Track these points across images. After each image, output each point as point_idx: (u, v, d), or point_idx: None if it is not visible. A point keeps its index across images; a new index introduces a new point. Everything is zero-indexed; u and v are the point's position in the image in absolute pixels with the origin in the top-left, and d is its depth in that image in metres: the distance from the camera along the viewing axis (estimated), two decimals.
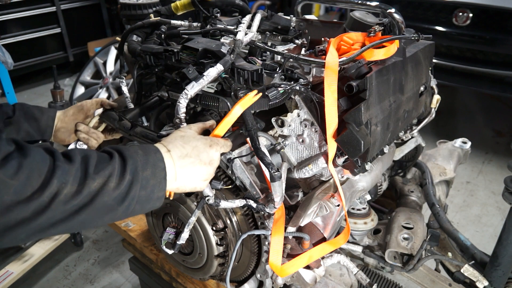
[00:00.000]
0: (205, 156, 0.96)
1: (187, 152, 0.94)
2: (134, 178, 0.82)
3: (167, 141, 0.95)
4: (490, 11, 3.28)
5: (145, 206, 0.87)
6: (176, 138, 0.96)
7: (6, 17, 4.66)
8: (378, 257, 1.61)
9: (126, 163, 0.83)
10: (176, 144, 0.94)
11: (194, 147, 0.95)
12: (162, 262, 1.73)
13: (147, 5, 3.06)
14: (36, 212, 0.71)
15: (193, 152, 0.94)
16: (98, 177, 0.78)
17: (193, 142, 0.96)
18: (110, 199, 0.80)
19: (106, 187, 0.79)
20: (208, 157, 0.96)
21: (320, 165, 1.24)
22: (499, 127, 4.29)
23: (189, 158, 0.93)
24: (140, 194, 0.84)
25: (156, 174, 0.87)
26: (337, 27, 1.60)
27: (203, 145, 0.97)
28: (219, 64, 1.07)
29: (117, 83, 3.74)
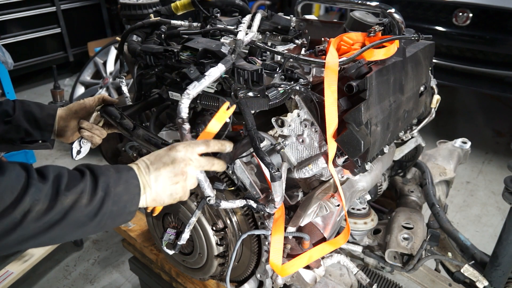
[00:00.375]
0: (167, 158, 0.96)
1: (151, 160, 0.96)
2: (106, 194, 0.85)
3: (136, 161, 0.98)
4: (490, 11, 3.28)
5: (117, 221, 0.89)
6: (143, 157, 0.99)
7: (6, 17, 4.66)
8: (378, 257, 1.61)
9: (97, 180, 0.85)
10: (143, 158, 0.97)
11: (156, 155, 0.97)
12: (162, 262, 1.73)
13: (147, 5, 3.06)
14: (7, 228, 0.74)
15: (156, 159, 0.96)
16: (70, 194, 0.80)
17: (156, 152, 0.99)
18: (82, 215, 0.82)
19: (78, 204, 0.81)
20: (169, 158, 0.96)
21: (320, 165, 1.24)
22: (499, 127, 4.29)
23: (152, 165, 0.95)
24: (112, 209, 0.86)
25: (130, 190, 0.89)
26: (337, 27, 1.60)
27: (163, 150, 0.99)
28: (221, 64, 1.06)
29: (117, 83, 3.74)
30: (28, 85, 5.31)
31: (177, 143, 1.01)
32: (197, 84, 1.03)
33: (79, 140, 1.35)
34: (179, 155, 0.97)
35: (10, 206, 0.73)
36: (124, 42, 1.50)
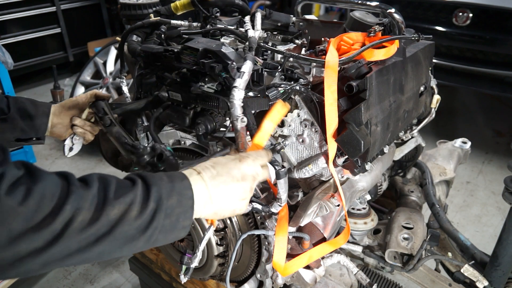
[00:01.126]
0: (237, 172, 0.91)
1: (218, 171, 0.89)
2: (158, 206, 0.77)
3: (197, 167, 0.91)
4: (490, 11, 3.28)
5: (169, 236, 0.81)
6: (205, 163, 0.92)
7: (6, 17, 4.66)
8: (378, 257, 1.61)
9: (149, 190, 0.77)
10: (206, 165, 0.90)
11: (223, 165, 0.91)
12: (162, 262, 1.73)
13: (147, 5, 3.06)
14: (48, 241, 0.66)
15: (224, 170, 0.89)
16: (118, 204, 0.72)
17: (222, 161, 0.92)
18: (131, 228, 0.74)
19: (127, 216, 0.73)
20: (239, 172, 0.91)
21: (320, 165, 1.24)
22: (499, 127, 4.29)
23: (220, 177, 0.88)
24: (164, 223, 0.78)
25: (183, 203, 0.81)
26: (337, 27, 1.60)
27: (232, 162, 0.92)
28: (248, 60, 1.08)
29: (117, 83, 3.74)
30: (28, 85, 5.31)
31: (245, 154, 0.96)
32: (240, 80, 1.05)
33: (71, 137, 1.34)
34: (250, 170, 0.92)
35: (49, 216, 0.66)
36: (124, 42, 1.50)
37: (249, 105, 1.14)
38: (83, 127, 1.31)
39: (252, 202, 1.20)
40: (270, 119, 1.02)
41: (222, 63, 1.10)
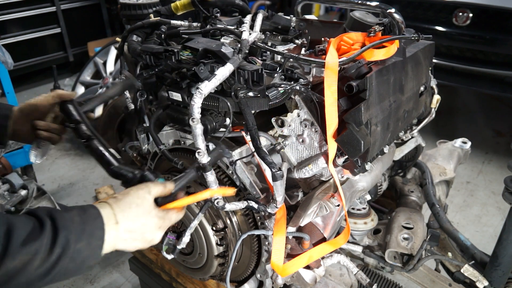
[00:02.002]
0: (150, 236, 0.92)
1: (135, 227, 0.89)
2: (63, 252, 0.76)
3: (119, 207, 0.88)
4: (490, 11, 3.28)
5: (71, 276, 0.82)
6: (130, 206, 0.89)
7: (6, 17, 4.66)
8: (378, 257, 1.61)
9: (57, 235, 0.76)
10: (128, 215, 0.88)
11: (143, 224, 0.90)
12: (162, 262, 1.73)
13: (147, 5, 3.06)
14: None
15: (141, 229, 0.90)
16: (21, 255, 0.71)
17: (145, 218, 0.91)
18: (32, 276, 0.73)
19: (29, 266, 0.72)
20: (152, 236, 0.93)
21: (320, 165, 1.24)
22: (499, 127, 4.29)
23: (133, 234, 0.89)
24: (68, 267, 0.78)
25: (92, 245, 0.82)
26: (337, 27, 1.60)
27: (153, 225, 0.92)
28: (229, 63, 1.07)
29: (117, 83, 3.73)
30: (28, 85, 5.31)
31: (145, 184, 0.95)
32: (208, 83, 1.04)
33: (37, 142, 1.21)
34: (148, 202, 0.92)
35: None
36: (124, 42, 1.50)
37: (249, 105, 1.14)
38: (48, 130, 1.18)
39: (246, 200, 1.21)
40: (194, 198, 1.03)
41: (222, 63, 1.10)
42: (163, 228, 0.95)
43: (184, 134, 1.39)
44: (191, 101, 1.04)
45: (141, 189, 0.93)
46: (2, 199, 2.13)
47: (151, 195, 0.94)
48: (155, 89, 1.48)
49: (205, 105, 1.18)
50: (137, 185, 0.95)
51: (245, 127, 1.17)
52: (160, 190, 0.96)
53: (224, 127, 1.26)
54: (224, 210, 1.21)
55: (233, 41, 1.32)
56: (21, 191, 2.25)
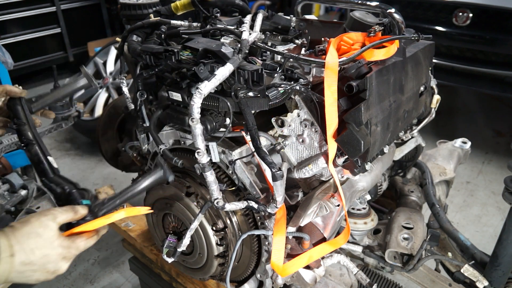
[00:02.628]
0: (52, 266, 0.85)
1: (34, 259, 0.81)
2: None
3: (16, 238, 0.80)
4: (490, 11, 3.28)
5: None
6: (29, 236, 0.81)
7: (6, 17, 4.66)
8: (378, 257, 1.61)
9: None
10: (26, 246, 0.80)
11: (44, 256, 0.83)
12: (162, 262, 1.73)
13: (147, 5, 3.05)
14: None
15: (40, 261, 0.82)
16: None
17: (47, 249, 0.83)
18: None
19: None
20: (55, 267, 0.85)
21: (320, 165, 1.24)
22: (499, 127, 4.29)
23: (32, 266, 0.81)
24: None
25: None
26: (337, 27, 1.60)
27: (56, 255, 0.85)
28: (229, 63, 1.07)
29: (117, 83, 3.74)
30: (28, 85, 5.30)
31: (49, 210, 0.87)
32: (207, 83, 1.04)
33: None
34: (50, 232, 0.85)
35: None
36: (124, 42, 1.50)
37: (249, 105, 1.14)
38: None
39: (246, 200, 1.21)
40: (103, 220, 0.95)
41: (222, 63, 1.10)
42: (68, 258, 0.88)
43: (184, 134, 1.39)
44: (190, 101, 1.04)
45: (45, 215, 0.86)
46: (2, 199, 2.13)
47: (55, 222, 0.86)
48: (155, 89, 1.48)
49: (205, 105, 1.18)
50: (40, 212, 0.87)
51: (245, 127, 1.17)
52: (70, 216, 0.89)
53: (224, 127, 1.26)
54: (224, 210, 1.21)
55: (233, 41, 1.32)
56: (21, 191, 2.25)
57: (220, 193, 1.15)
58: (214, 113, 1.25)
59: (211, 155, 1.25)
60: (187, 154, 1.41)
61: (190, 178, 1.40)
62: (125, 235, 1.93)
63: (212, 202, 1.16)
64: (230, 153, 1.26)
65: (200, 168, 1.11)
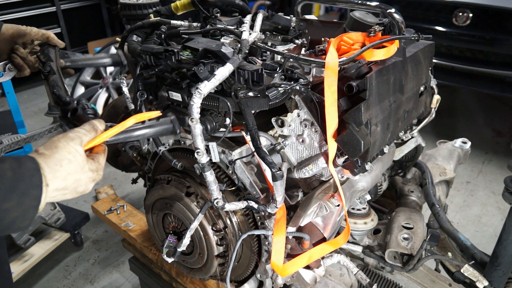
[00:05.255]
0: (82, 188, 0.85)
1: (66, 185, 0.80)
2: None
3: (49, 166, 0.77)
4: (490, 11, 3.28)
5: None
6: (61, 164, 0.79)
7: (6, 17, 4.66)
8: (378, 257, 1.61)
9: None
10: (59, 175, 0.78)
11: (76, 180, 0.82)
12: (162, 262, 1.73)
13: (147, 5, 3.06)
14: None
15: (73, 185, 0.82)
16: None
17: (79, 174, 0.82)
18: None
19: None
20: (84, 188, 0.85)
21: (320, 165, 1.24)
22: (499, 127, 4.29)
23: (64, 191, 0.81)
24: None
25: (24, 204, 0.72)
26: (337, 27, 1.60)
27: (87, 179, 0.85)
28: (229, 63, 1.07)
29: (117, 83, 3.74)
30: (28, 85, 5.31)
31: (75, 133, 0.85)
32: (207, 83, 1.04)
33: (4, 64, 1.22)
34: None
35: None
36: (124, 42, 1.50)
37: (249, 105, 1.14)
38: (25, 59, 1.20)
39: (246, 200, 1.21)
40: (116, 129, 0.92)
41: (221, 63, 1.10)
42: (97, 179, 0.88)
43: (184, 134, 1.39)
44: (190, 101, 1.04)
45: (71, 139, 0.83)
46: None
47: (82, 145, 0.85)
48: (155, 89, 1.48)
49: (205, 105, 1.18)
50: (65, 135, 0.85)
51: (245, 127, 1.17)
52: (93, 135, 0.88)
53: (224, 127, 1.26)
54: (224, 210, 1.21)
55: (233, 41, 1.32)
56: None
57: (220, 193, 1.15)
58: (214, 113, 1.25)
59: (211, 155, 1.25)
60: (187, 154, 1.41)
61: (190, 178, 1.40)
62: (125, 235, 1.93)
63: (212, 202, 1.16)
64: (230, 153, 1.26)
65: (200, 168, 1.11)
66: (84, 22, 5.46)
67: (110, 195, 2.34)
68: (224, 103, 1.14)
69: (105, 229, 2.88)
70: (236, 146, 1.30)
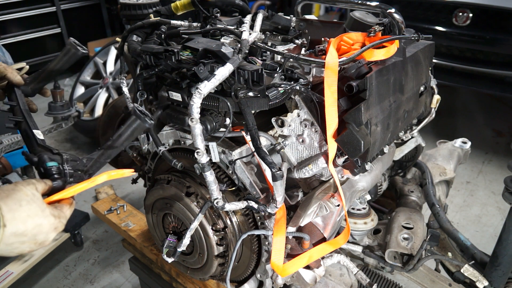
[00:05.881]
0: (43, 237, 0.78)
1: (26, 229, 0.74)
2: None
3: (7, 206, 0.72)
4: (490, 11, 3.28)
5: None
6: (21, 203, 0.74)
7: (6, 17, 4.66)
8: (378, 257, 1.61)
9: None
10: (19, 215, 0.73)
11: (37, 226, 0.76)
12: (162, 262, 1.73)
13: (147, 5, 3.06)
14: None
15: (33, 231, 0.75)
16: None
17: (40, 218, 0.77)
18: None
19: None
20: (45, 238, 0.79)
21: (320, 165, 1.24)
22: (499, 127, 4.29)
23: (22, 237, 0.74)
24: None
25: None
26: (337, 27, 1.60)
27: (49, 225, 0.79)
28: (229, 63, 1.07)
29: (117, 83, 3.74)
30: None
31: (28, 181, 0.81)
32: (207, 83, 1.04)
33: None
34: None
35: None
36: (124, 42, 1.50)
37: (249, 105, 1.14)
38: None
39: (246, 200, 1.21)
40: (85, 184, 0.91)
41: (221, 63, 1.10)
42: (58, 228, 0.83)
43: (184, 134, 1.39)
44: (190, 101, 1.04)
45: (27, 184, 0.80)
46: None
47: (38, 191, 0.80)
48: (155, 89, 1.48)
49: (205, 105, 1.18)
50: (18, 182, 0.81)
51: (245, 127, 1.17)
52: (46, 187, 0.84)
53: (224, 127, 1.26)
54: (224, 210, 1.21)
55: (233, 41, 1.32)
56: None
57: (220, 193, 1.15)
58: (214, 113, 1.25)
59: (211, 155, 1.25)
60: (187, 154, 1.41)
61: (190, 178, 1.40)
62: (125, 235, 1.93)
63: (212, 202, 1.16)
64: (230, 153, 1.26)
65: (200, 168, 1.11)
66: (84, 22, 5.46)
67: (110, 195, 2.34)
68: (224, 103, 1.14)
69: (105, 229, 2.88)
70: (236, 146, 1.30)
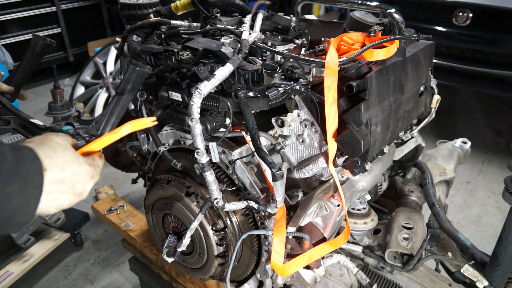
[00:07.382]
0: (80, 187, 0.77)
1: (64, 176, 0.72)
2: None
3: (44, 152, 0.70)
4: (490, 11, 3.28)
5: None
6: (56, 150, 0.72)
7: (6, 17, 4.66)
8: (378, 257, 1.61)
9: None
10: (55, 161, 0.71)
11: (74, 173, 0.75)
12: (162, 262, 1.73)
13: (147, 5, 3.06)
14: None
15: (71, 179, 0.74)
16: None
17: (76, 165, 0.75)
18: None
19: None
20: (82, 188, 0.77)
21: (320, 165, 1.24)
22: (499, 127, 4.29)
23: (62, 185, 0.72)
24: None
25: (26, 192, 0.64)
26: (337, 27, 1.60)
27: (85, 173, 0.78)
28: (229, 63, 1.07)
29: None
30: (28, 85, 5.30)
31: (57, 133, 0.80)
32: (207, 83, 1.04)
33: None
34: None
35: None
36: (124, 42, 1.50)
37: (249, 105, 1.14)
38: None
39: (246, 200, 1.21)
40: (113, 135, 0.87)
41: (221, 63, 1.10)
42: (94, 177, 0.81)
43: (184, 134, 1.39)
44: (190, 101, 1.04)
45: (58, 135, 0.77)
46: None
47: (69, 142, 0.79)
48: (155, 89, 1.48)
49: (205, 105, 1.18)
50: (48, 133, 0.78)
51: (245, 127, 1.17)
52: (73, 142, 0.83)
53: (224, 127, 1.26)
54: (224, 210, 1.21)
55: (233, 41, 1.32)
56: None
57: (220, 193, 1.15)
58: (214, 113, 1.25)
59: (211, 155, 1.25)
60: (187, 154, 1.41)
61: (190, 178, 1.40)
62: (125, 235, 1.93)
63: (212, 202, 1.16)
64: (230, 153, 1.26)
65: (200, 168, 1.11)
66: (84, 22, 5.46)
67: (110, 195, 2.34)
68: (224, 103, 1.14)
69: (105, 229, 2.88)
70: (236, 146, 1.30)
